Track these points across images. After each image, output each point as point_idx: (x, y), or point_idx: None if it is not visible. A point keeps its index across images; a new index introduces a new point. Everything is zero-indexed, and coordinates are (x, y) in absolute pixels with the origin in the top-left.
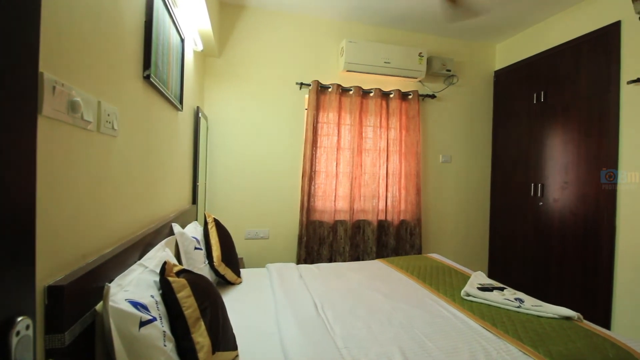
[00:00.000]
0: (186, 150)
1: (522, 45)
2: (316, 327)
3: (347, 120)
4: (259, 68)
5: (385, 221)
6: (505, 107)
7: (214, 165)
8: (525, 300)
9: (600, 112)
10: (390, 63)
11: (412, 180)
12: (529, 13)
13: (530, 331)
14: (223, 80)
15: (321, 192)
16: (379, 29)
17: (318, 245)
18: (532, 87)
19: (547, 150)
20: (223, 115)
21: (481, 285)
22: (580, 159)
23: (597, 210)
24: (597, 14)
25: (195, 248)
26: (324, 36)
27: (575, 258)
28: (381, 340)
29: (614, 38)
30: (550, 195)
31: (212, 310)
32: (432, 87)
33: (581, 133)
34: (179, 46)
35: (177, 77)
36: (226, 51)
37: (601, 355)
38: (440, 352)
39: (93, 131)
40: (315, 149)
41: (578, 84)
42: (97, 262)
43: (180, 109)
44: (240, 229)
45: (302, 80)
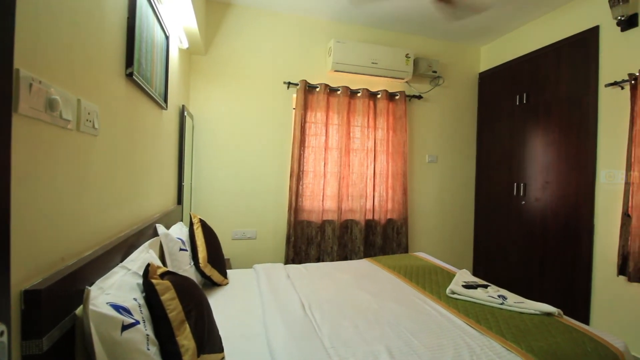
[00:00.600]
0: (171, 149)
1: (506, 48)
2: (303, 327)
3: (335, 120)
4: (246, 67)
5: (372, 220)
6: (490, 109)
7: (200, 165)
8: (508, 297)
9: (580, 113)
10: (378, 63)
11: (399, 179)
12: (512, 17)
13: (513, 327)
14: (209, 78)
15: (309, 191)
16: (366, 30)
17: (306, 245)
18: (515, 89)
19: (529, 150)
20: (209, 114)
21: (466, 283)
22: (560, 159)
23: (577, 209)
24: (577, 19)
25: (180, 249)
26: (312, 36)
27: (556, 255)
28: (368, 339)
29: (592, 42)
30: (532, 194)
31: (197, 312)
32: (418, 88)
33: (561, 134)
34: (164, 43)
35: (161, 75)
36: (212, 49)
37: (580, 349)
38: (426, 349)
39: (72, 130)
40: (303, 149)
41: (559, 86)
42: (77, 264)
43: (165, 108)
44: (227, 230)
45: (290, 80)
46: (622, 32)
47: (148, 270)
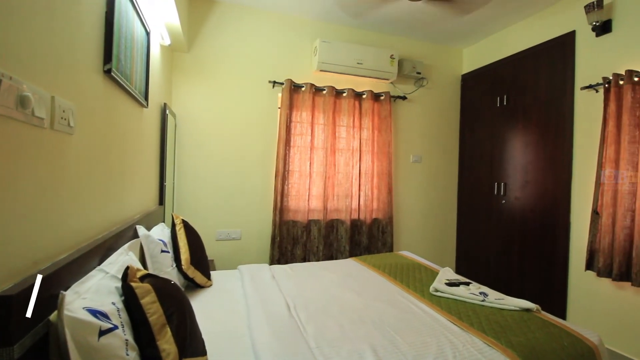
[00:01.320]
0: (152, 148)
1: (487, 51)
2: (288, 328)
3: (320, 119)
4: (230, 65)
5: (358, 220)
6: (472, 110)
7: (182, 165)
8: (489, 294)
9: (557, 115)
10: (363, 64)
11: (384, 179)
12: (493, 20)
13: (493, 323)
14: (192, 76)
15: (295, 191)
16: (351, 30)
17: (292, 245)
18: (495, 91)
19: (509, 150)
20: (192, 112)
21: (448, 281)
22: (539, 159)
23: (554, 207)
24: (554, 24)
25: (161, 251)
26: (298, 35)
27: (535, 252)
28: (353, 338)
29: (569, 46)
30: (512, 193)
31: (179, 315)
32: (403, 89)
33: (540, 135)
34: (144, 40)
35: (141, 72)
36: (196, 46)
37: (557, 344)
38: (410, 347)
39: (46, 128)
40: (288, 148)
41: (537, 88)
42: (51, 268)
43: (146, 106)
44: (210, 230)
45: (275, 79)
46: (597, 38)
47: (127, 273)
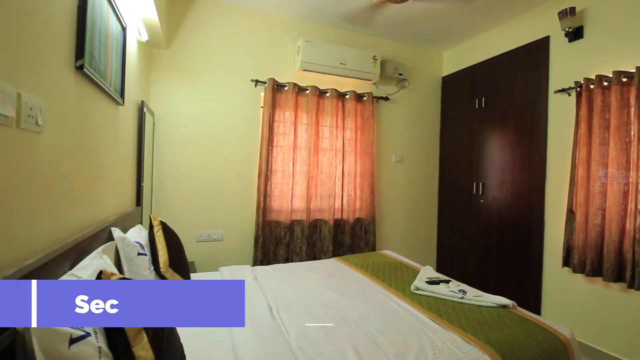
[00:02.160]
0: (129, 148)
1: (466, 54)
2: (270, 330)
3: (303, 119)
4: (211, 62)
5: (341, 220)
6: (452, 111)
7: (161, 164)
8: (467, 292)
9: (533, 117)
10: (346, 64)
11: (366, 179)
12: (472, 24)
13: (472, 320)
14: (171, 73)
15: (278, 191)
16: (335, 30)
17: (275, 245)
18: (474, 93)
19: (487, 151)
20: (171, 110)
21: (429, 279)
22: (515, 159)
23: (530, 206)
24: (530, 29)
25: (138, 254)
26: (281, 34)
27: (511, 250)
28: (335, 339)
29: (543, 51)
30: (490, 193)
31: None
32: (385, 90)
33: (516, 136)
34: (120, 35)
35: (117, 68)
36: (175, 43)
37: (532, 338)
38: (391, 346)
39: (11, 127)
40: (271, 148)
41: (514, 91)
42: (17, 275)
43: (122, 103)
44: (191, 232)
45: (257, 78)
46: (569, 43)
47: (101, 278)
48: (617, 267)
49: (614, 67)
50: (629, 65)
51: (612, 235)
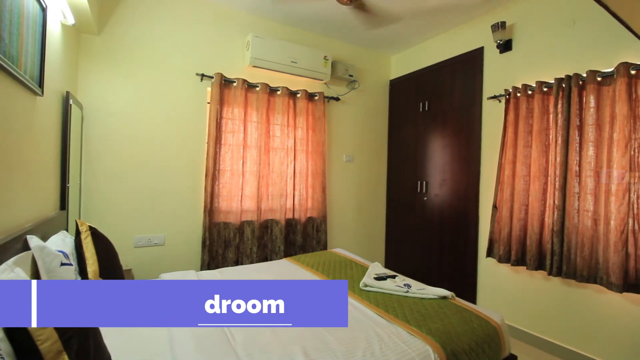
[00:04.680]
0: (51, 144)
1: (412, 59)
2: (215, 338)
3: (254, 117)
4: (151, 52)
5: (293, 219)
6: (399, 113)
7: (92, 163)
8: (412, 285)
9: (469, 121)
10: (297, 63)
11: (318, 178)
12: (417, 32)
13: (416, 313)
14: (104, 62)
15: (226, 191)
16: (286, 28)
17: (223, 248)
18: (419, 97)
19: (430, 152)
20: (104, 103)
21: (377, 275)
22: (454, 160)
23: (467, 202)
24: (467, 39)
25: (62, 264)
26: (229, 27)
27: (451, 244)
28: (284, 342)
29: (478, 60)
30: (432, 191)
31: (79, 339)
32: (336, 90)
33: (455, 138)
34: (39, 16)
35: (34, 53)
36: (109, 29)
37: (468, 326)
38: (340, 343)
39: None
40: (219, 146)
41: (453, 96)
42: None
43: (40, 94)
44: (127, 237)
45: (203, 72)
46: (500, 54)
47: None
48: (538, 256)
49: (537, 77)
50: (549, 76)
51: (534, 228)
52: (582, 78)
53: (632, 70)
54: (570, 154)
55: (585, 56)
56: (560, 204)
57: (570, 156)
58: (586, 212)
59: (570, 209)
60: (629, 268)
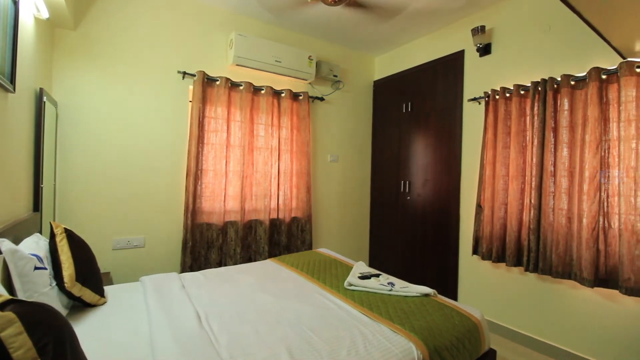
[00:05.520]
0: (23, 142)
1: (395, 61)
2: (198, 342)
3: (237, 116)
4: (130, 49)
5: (277, 219)
6: (382, 114)
7: (67, 163)
8: (395, 284)
9: (450, 122)
10: (282, 62)
11: (302, 178)
12: (400, 34)
13: (399, 310)
14: (81, 59)
15: (209, 192)
16: (270, 27)
17: (206, 249)
18: (402, 98)
19: (413, 152)
20: (81, 101)
21: (361, 274)
22: (436, 160)
23: (448, 201)
24: (449, 42)
25: (35, 268)
26: (212, 25)
27: (433, 242)
28: (269, 343)
29: (459, 63)
30: (415, 190)
31: (56, 346)
32: (321, 90)
33: (437, 139)
34: (10, 9)
35: (5, 48)
36: (85, 23)
37: (450, 323)
38: (325, 343)
39: None
40: (201, 146)
41: (435, 98)
42: None
43: (12, 90)
44: (105, 239)
45: (185, 70)
46: (480, 57)
47: None
48: (516, 253)
49: (515, 80)
50: (525, 80)
51: (513, 226)
52: (557, 82)
53: (603, 75)
54: (545, 154)
55: (560, 61)
56: (537, 202)
57: (546, 157)
58: (561, 211)
59: (546, 207)
60: (600, 264)
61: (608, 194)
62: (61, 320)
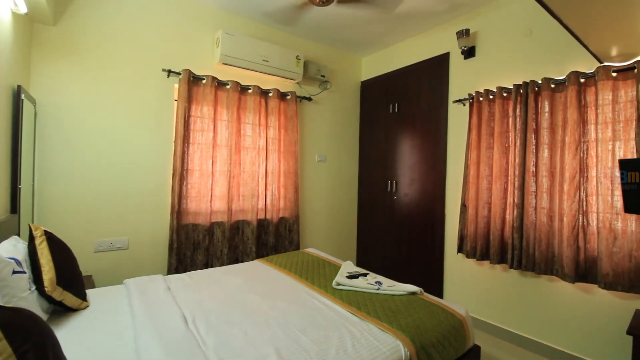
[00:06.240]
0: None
1: (382, 62)
2: (185, 345)
3: (224, 115)
4: (113, 46)
5: (265, 220)
6: (369, 114)
7: (47, 163)
8: (383, 283)
9: (436, 123)
10: (269, 62)
11: (290, 178)
12: (387, 35)
13: (387, 309)
14: (61, 56)
15: (195, 192)
16: (257, 25)
17: (192, 250)
18: (389, 99)
19: (400, 152)
20: (61, 99)
21: (349, 274)
22: (422, 160)
23: (434, 201)
24: (435, 44)
25: (13, 272)
26: (197, 22)
27: (419, 241)
28: (257, 344)
29: (444, 65)
30: (402, 190)
31: (36, 352)
32: (308, 90)
33: (423, 139)
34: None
35: None
36: (66, 19)
37: (436, 320)
38: (313, 343)
39: None
40: (187, 145)
41: (421, 99)
42: None
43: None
44: (86, 241)
45: (170, 68)
46: (465, 60)
47: None
48: (500, 251)
49: (498, 83)
50: (508, 82)
51: (496, 225)
52: (538, 85)
53: (581, 79)
54: (527, 155)
55: (541, 64)
56: (520, 202)
57: (528, 157)
58: (542, 210)
59: (528, 206)
60: (580, 260)
61: (587, 193)
62: (42, 325)
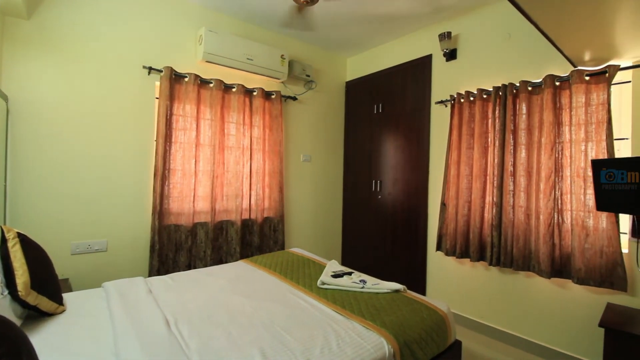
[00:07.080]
0: None
1: (367, 63)
2: (167, 348)
3: (207, 114)
4: (91, 41)
5: (249, 220)
6: (354, 114)
7: (19, 162)
8: (367, 281)
9: (419, 124)
10: (254, 60)
11: (275, 178)
12: (370, 36)
13: (371, 307)
14: (35, 50)
15: (177, 192)
16: (241, 24)
17: (174, 252)
18: (373, 99)
19: (384, 152)
20: (35, 96)
21: (334, 273)
22: (405, 160)
23: (417, 200)
24: (418, 46)
25: None
26: (180, 19)
27: (403, 239)
28: (241, 345)
29: (427, 67)
30: (386, 189)
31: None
32: (293, 90)
33: (406, 140)
34: None
35: None
36: (40, 12)
37: (418, 317)
38: (298, 343)
39: None
40: (169, 144)
41: (404, 100)
42: None
43: None
44: (62, 243)
45: (151, 65)
46: (446, 62)
47: None
48: (479, 249)
49: (478, 85)
50: (488, 84)
51: (476, 223)
52: (516, 87)
53: (556, 82)
54: (506, 155)
55: (519, 67)
56: (498, 200)
57: (506, 157)
58: (520, 208)
59: (506, 205)
60: (555, 256)
61: (562, 192)
62: (16, 331)
